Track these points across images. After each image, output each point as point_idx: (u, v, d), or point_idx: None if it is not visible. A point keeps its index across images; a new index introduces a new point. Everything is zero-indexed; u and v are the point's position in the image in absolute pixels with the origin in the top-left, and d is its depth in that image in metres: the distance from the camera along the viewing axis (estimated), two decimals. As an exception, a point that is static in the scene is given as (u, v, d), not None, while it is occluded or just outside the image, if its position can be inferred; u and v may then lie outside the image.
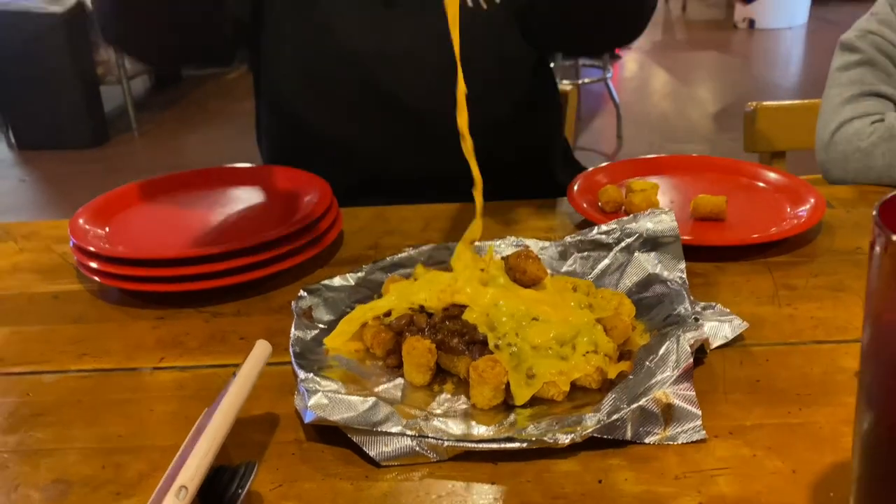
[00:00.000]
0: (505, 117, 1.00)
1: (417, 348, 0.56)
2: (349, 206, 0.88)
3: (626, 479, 0.47)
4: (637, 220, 0.72)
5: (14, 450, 0.53)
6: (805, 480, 0.47)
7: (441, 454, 0.49)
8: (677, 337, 0.56)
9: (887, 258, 0.33)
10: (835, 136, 0.92)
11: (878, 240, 0.33)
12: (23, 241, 0.88)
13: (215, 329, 0.67)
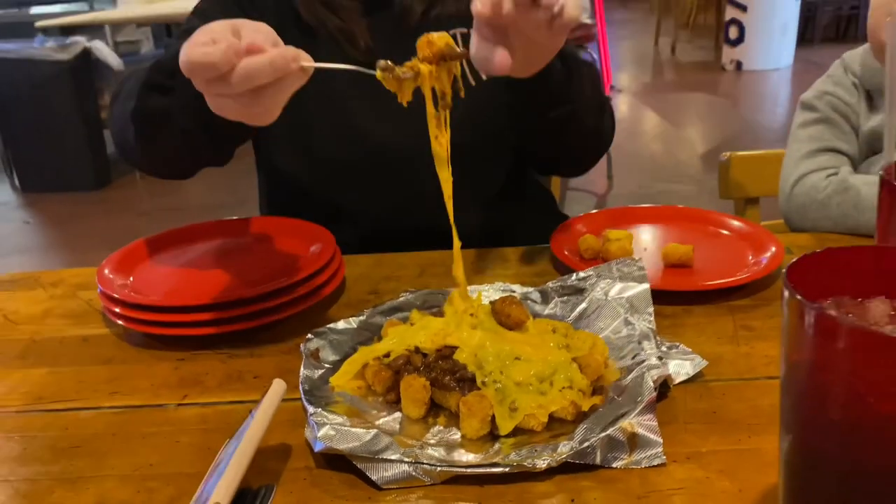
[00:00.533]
0: (493, 185, 1.09)
1: (413, 385, 0.63)
2: (349, 255, 0.96)
3: (595, 499, 0.55)
4: (612, 268, 0.80)
5: (58, 477, 0.60)
6: (750, 498, 0.54)
7: (434, 478, 0.57)
8: (643, 374, 0.64)
9: (791, 310, 0.40)
10: (795, 189, 1.01)
11: (786, 295, 0.41)
12: (51, 289, 0.95)
13: (232, 369, 0.75)
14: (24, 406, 0.71)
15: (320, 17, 1.03)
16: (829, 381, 0.39)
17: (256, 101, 0.66)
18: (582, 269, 0.82)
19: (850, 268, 0.45)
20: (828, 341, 0.39)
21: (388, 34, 1.04)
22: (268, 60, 0.64)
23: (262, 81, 0.64)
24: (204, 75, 0.64)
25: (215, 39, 0.65)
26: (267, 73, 0.64)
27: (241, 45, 0.64)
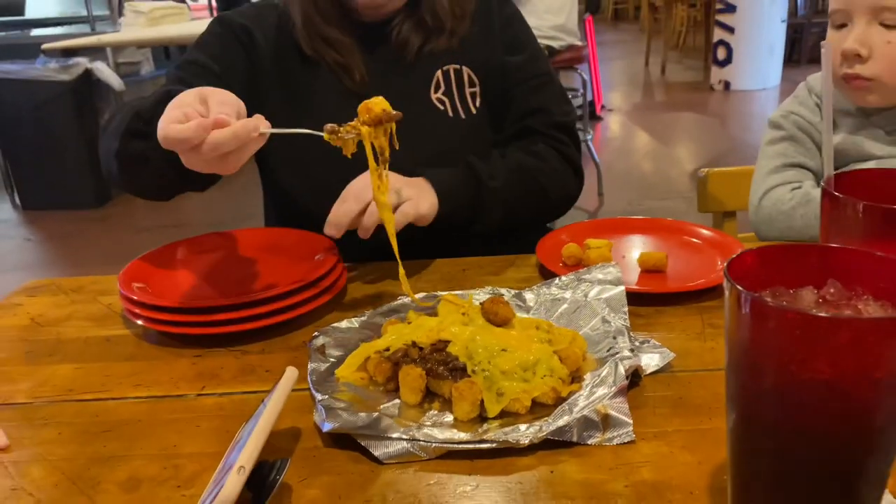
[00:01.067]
0: None
1: (411, 374, 0.71)
2: (350, 262, 1.04)
3: (572, 470, 0.62)
4: (590, 273, 0.88)
5: (92, 457, 0.67)
6: (707, 469, 0.61)
7: (430, 453, 0.64)
8: (616, 364, 0.71)
9: (731, 297, 0.48)
10: (762, 201, 1.09)
11: (726, 285, 0.49)
12: (73, 294, 1.03)
13: (245, 364, 0.82)
14: (56, 397, 0.78)
15: (319, 51, 1.11)
16: (760, 356, 0.47)
17: (223, 161, 0.77)
18: (565, 274, 0.90)
19: (784, 263, 0.53)
20: (759, 321, 0.46)
21: (383, 68, 1.12)
22: (231, 133, 0.75)
23: (227, 150, 0.75)
24: (178, 147, 0.76)
25: (187, 114, 0.76)
26: (231, 143, 0.75)
27: (209, 121, 0.75)
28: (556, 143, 1.18)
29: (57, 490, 0.63)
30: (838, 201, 0.63)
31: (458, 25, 1.15)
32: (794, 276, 0.52)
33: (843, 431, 0.46)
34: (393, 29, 1.13)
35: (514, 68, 1.18)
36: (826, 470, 0.47)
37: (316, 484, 0.62)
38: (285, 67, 1.14)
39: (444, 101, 1.15)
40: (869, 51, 0.92)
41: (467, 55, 1.16)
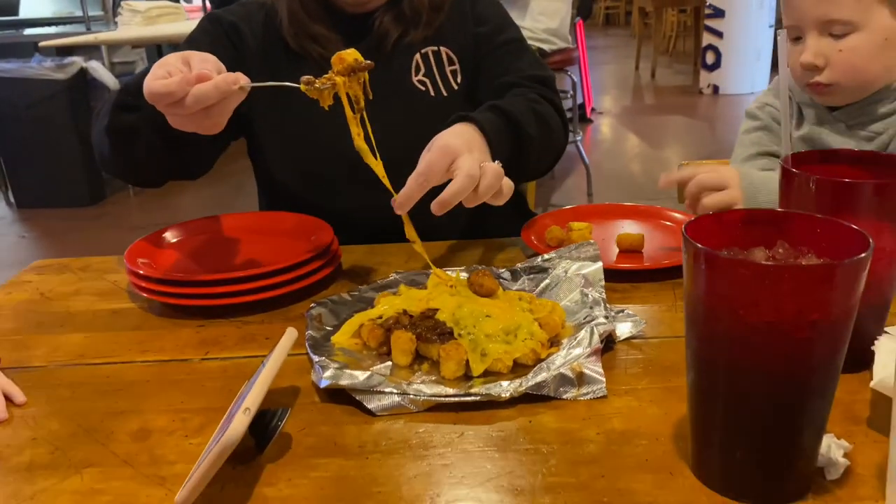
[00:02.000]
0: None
1: (402, 337, 0.76)
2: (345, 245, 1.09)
3: (548, 420, 0.67)
4: (570, 251, 0.93)
5: (105, 412, 0.72)
6: (672, 419, 0.67)
7: (419, 406, 0.69)
8: (591, 329, 0.77)
9: (688, 253, 0.54)
10: (736, 186, 1.15)
11: (684, 243, 0.54)
12: (79, 273, 1.08)
13: (246, 333, 0.87)
14: (69, 361, 0.83)
15: (305, 46, 1.17)
16: (714, 304, 0.53)
17: (206, 116, 0.82)
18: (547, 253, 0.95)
19: (738, 227, 0.59)
20: (712, 273, 0.52)
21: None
22: (213, 85, 0.80)
23: (209, 102, 0.80)
24: (163, 101, 0.81)
25: (170, 72, 0.82)
26: (213, 95, 0.80)
27: (192, 75, 0.80)
28: (542, 93, 1.17)
29: (74, 439, 0.68)
30: (794, 176, 0.69)
31: (434, 17, 1.20)
32: (748, 239, 0.58)
33: (785, 369, 0.52)
34: (374, 21, 1.18)
35: (484, 38, 1.23)
36: (772, 405, 0.53)
37: (314, 433, 0.67)
38: (272, 63, 1.20)
39: (426, 81, 1.20)
40: (824, 60, 0.99)
41: (443, 37, 1.21)
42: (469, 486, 0.59)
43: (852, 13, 0.94)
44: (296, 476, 0.61)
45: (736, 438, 0.56)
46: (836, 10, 0.94)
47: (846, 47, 0.96)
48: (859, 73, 0.97)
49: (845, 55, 0.96)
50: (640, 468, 0.61)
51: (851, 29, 0.95)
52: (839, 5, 0.94)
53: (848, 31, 0.95)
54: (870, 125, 1.02)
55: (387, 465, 0.62)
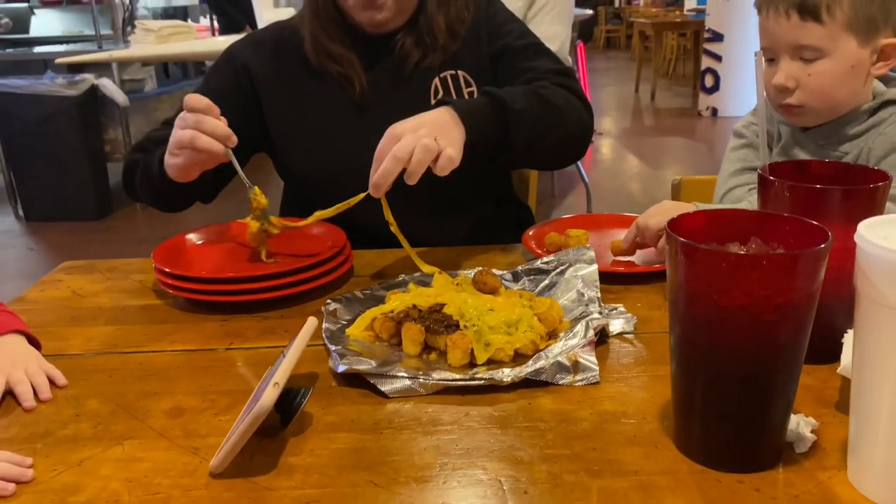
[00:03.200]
0: (469, 197, 1.29)
1: (412, 328, 0.83)
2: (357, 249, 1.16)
3: (546, 402, 0.74)
4: (568, 254, 1.00)
5: (139, 393, 0.79)
6: (659, 402, 0.73)
7: (428, 389, 0.76)
8: (586, 323, 0.84)
9: (670, 245, 0.61)
10: (723, 200, 1.23)
11: (667, 237, 0.61)
12: (107, 273, 1.15)
13: (266, 326, 0.94)
14: (103, 350, 0.89)
15: (324, 64, 1.24)
16: (692, 290, 0.59)
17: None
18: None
19: (716, 225, 0.66)
20: (691, 262, 0.59)
21: (384, 80, 1.25)
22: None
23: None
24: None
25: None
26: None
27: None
28: (557, 81, 1.20)
29: (113, 416, 0.75)
30: (770, 183, 0.76)
31: (451, 43, 1.26)
32: (724, 235, 0.65)
33: (755, 348, 0.59)
34: (396, 43, 1.25)
35: (503, 49, 1.27)
36: (744, 381, 0.60)
37: (333, 412, 0.74)
38: (290, 81, 1.27)
39: None
40: (795, 83, 1.06)
41: (460, 61, 1.27)
42: (474, 456, 0.66)
43: (821, 40, 1.01)
44: (317, 448, 0.68)
45: (713, 413, 0.62)
46: (806, 36, 1.01)
47: (815, 72, 1.03)
48: (827, 96, 1.05)
49: (814, 79, 1.03)
50: (628, 443, 0.67)
51: (821, 55, 1.02)
52: (809, 32, 1.01)
53: (817, 57, 1.03)
54: (839, 145, 1.09)
55: (399, 439, 0.69)
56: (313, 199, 1.28)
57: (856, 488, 0.60)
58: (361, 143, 1.22)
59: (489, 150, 1.09)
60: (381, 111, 1.23)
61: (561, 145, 1.20)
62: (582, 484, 0.62)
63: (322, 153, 1.26)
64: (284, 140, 1.28)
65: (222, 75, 1.29)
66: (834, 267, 0.65)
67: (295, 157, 1.28)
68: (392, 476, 0.64)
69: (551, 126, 1.15)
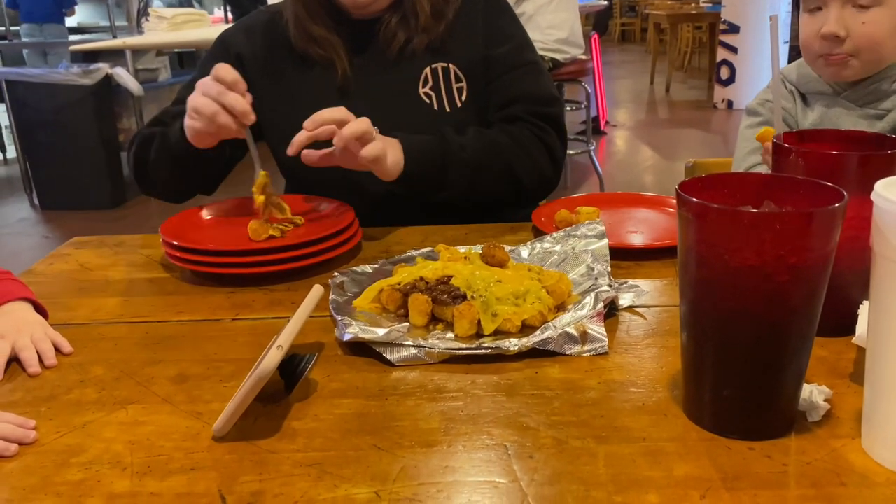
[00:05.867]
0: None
1: (419, 299, 0.82)
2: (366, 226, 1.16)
3: (553, 371, 0.73)
4: (578, 229, 0.99)
5: (144, 361, 0.79)
6: (668, 372, 0.72)
7: (435, 358, 0.75)
8: (595, 295, 0.82)
9: (680, 206, 0.60)
10: (739, 177, 1.21)
11: (678, 199, 0.60)
12: (115, 248, 1.15)
13: (273, 298, 0.93)
14: (110, 320, 0.89)
15: (306, 47, 1.22)
16: (703, 251, 0.58)
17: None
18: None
19: (728, 188, 0.64)
20: (701, 222, 0.58)
21: (369, 65, 1.23)
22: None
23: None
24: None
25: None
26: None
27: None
28: (537, 130, 1.24)
29: (118, 382, 0.74)
30: (785, 151, 0.75)
31: (435, 25, 1.23)
32: (737, 198, 0.64)
33: (767, 310, 0.57)
34: (381, 25, 1.22)
35: (499, 59, 1.26)
36: (756, 346, 0.59)
37: (338, 379, 0.73)
38: (278, 67, 1.25)
39: (431, 95, 1.24)
40: (846, 31, 1.04)
41: (452, 54, 1.25)
42: (480, 422, 0.65)
43: None
44: (322, 413, 0.67)
45: (724, 379, 0.61)
46: None
47: (869, 20, 1.01)
48: (878, 46, 1.02)
49: (868, 27, 1.01)
50: (636, 411, 0.66)
51: (876, 2, 1.00)
52: None
53: (873, 4, 1.00)
54: (878, 103, 1.07)
55: (405, 405, 0.68)
56: (306, 188, 1.27)
57: (870, 455, 0.58)
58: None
59: (426, 186, 1.15)
60: (365, 97, 1.22)
61: (507, 195, 1.24)
62: (588, 449, 0.61)
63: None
64: (273, 126, 1.27)
65: (214, 59, 1.27)
66: (849, 237, 0.63)
67: (283, 143, 1.27)
68: (396, 440, 0.63)
69: (494, 179, 1.19)
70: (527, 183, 1.23)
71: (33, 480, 0.60)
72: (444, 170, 1.15)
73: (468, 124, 1.23)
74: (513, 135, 1.22)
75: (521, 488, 0.56)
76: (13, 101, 4.43)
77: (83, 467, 0.61)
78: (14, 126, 4.58)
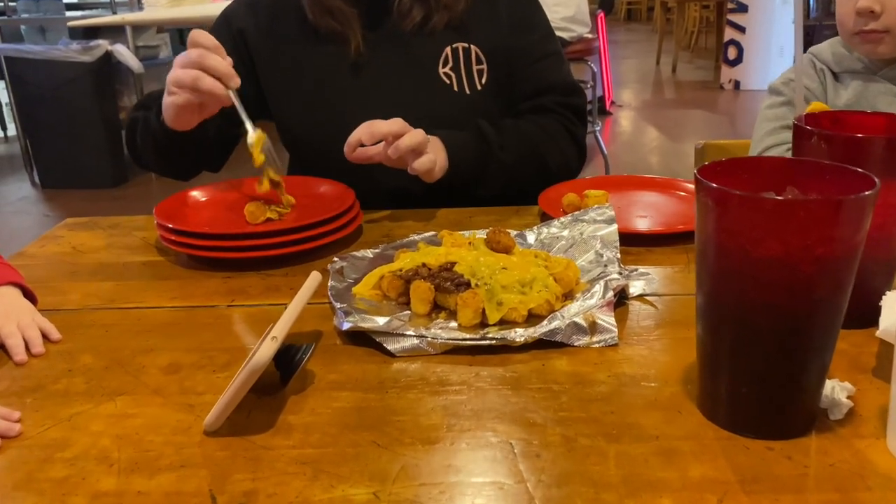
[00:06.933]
0: None
1: (421, 286, 0.79)
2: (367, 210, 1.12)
3: (561, 364, 0.70)
4: (587, 213, 0.95)
5: (136, 349, 0.76)
6: (681, 366, 0.69)
7: (437, 349, 0.72)
8: (605, 283, 0.79)
9: (699, 192, 0.56)
10: (758, 158, 1.17)
11: (696, 184, 0.57)
12: (109, 230, 1.11)
13: (270, 284, 0.90)
14: (101, 305, 0.86)
15: (321, 20, 1.18)
16: (723, 240, 0.55)
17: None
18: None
19: (749, 173, 0.61)
20: (722, 209, 0.54)
21: (384, 40, 1.19)
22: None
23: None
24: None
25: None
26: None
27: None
28: (566, 121, 1.26)
29: (107, 372, 0.72)
30: (807, 133, 0.71)
31: (455, 3, 1.19)
32: (759, 184, 0.60)
33: (790, 303, 0.54)
34: (397, 1, 1.18)
35: (525, 49, 1.24)
36: (777, 340, 0.55)
37: (336, 370, 0.70)
38: (286, 40, 1.21)
39: (451, 75, 1.21)
40: (881, 6, 1.00)
41: (473, 34, 1.21)
42: (484, 418, 0.62)
43: None
44: (319, 406, 0.64)
45: (742, 374, 0.58)
46: None
47: None
48: None
49: None
50: (648, 406, 0.63)
51: None
52: None
53: None
54: None
55: (405, 399, 0.65)
56: (312, 162, 1.24)
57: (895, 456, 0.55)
58: (355, 105, 1.18)
59: (465, 184, 1.16)
60: (380, 73, 1.19)
61: (536, 184, 1.20)
62: (598, 448, 0.58)
63: (317, 114, 1.22)
64: (280, 101, 1.23)
65: (217, 34, 1.23)
66: (874, 225, 0.60)
67: (291, 118, 1.25)
68: (396, 437, 0.60)
69: (530, 174, 1.18)
70: (555, 174, 1.23)
71: (16, 477, 0.57)
72: (484, 171, 1.16)
73: (489, 109, 1.21)
74: (546, 129, 1.23)
75: (527, 490, 0.53)
76: (12, 78, 4.38)
77: (68, 463, 0.58)
78: (14, 103, 4.53)
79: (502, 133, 1.18)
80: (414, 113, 1.16)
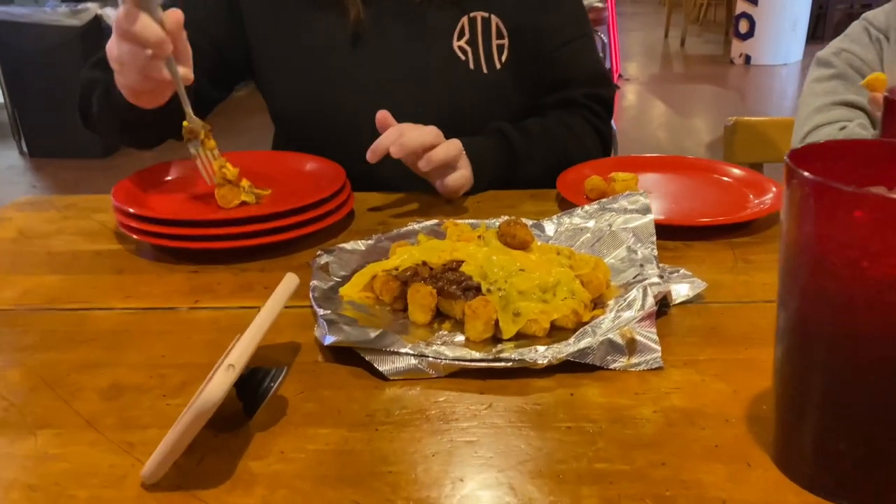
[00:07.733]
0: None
1: (421, 291, 0.65)
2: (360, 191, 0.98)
3: (594, 394, 0.56)
4: (616, 201, 0.81)
5: (72, 364, 0.62)
6: (744, 398, 0.56)
7: (439, 371, 0.58)
8: (644, 288, 0.65)
9: (793, 187, 0.42)
10: (806, 139, 1.03)
11: (787, 174, 0.43)
12: (64, 211, 0.97)
13: (243, 281, 0.76)
14: (40, 305, 0.72)
15: None
16: (826, 252, 0.41)
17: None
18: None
19: (851, 160, 0.47)
20: (826, 211, 0.40)
21: (384, 10, 1.05)
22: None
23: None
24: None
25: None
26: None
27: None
28: (593, 116, 1.14)
29: (33, 394, 0.58)
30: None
31: None
32: (863, 174, 0.46)
33: (916, 340, 0.40)
34: None
35: (555, 29, 1.10)
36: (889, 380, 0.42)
37: (314, 398, 0.57)
38: (284, 5, 1.07)
39: (467, 50, 1.06)
40: None
41: (496, 3, 1.06)
42: (499, 468, 0.49)
43: None
44: (290, 448, 0.51)
45: (838, 425, 0.44)
46: None
47: None
48: None
49: None
50: (708, 456, 0.50)
51: None
52: None
53: None
54: None
55: (399, 440, 0.52)
56: (302, 136, 1.10)
57: None
58: (350, 77, 1.05)
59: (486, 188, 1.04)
60: (381, 45, 1.05)
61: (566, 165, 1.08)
62: (649, 518, 0.44)
63: (309, 85, 1.07)
64: (269, 68, 1.09)
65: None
66: None
67: (280, 86, 1.10)
68: (387, 496, 0.46)
69: (552, 174, 1.01)
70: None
71: None
72: (507, 183, 1.03)
73: (507, 94, 1.08)
74: (573, 129, 1.11)
75: (559, 581, 0.40)
76: (-2, 42, 4.21)
77: (-40, 528, 0.45)
78: (0, 69, 4.35)
79: (530, 140, 1.05)
80: (420, 93, 1.02)
